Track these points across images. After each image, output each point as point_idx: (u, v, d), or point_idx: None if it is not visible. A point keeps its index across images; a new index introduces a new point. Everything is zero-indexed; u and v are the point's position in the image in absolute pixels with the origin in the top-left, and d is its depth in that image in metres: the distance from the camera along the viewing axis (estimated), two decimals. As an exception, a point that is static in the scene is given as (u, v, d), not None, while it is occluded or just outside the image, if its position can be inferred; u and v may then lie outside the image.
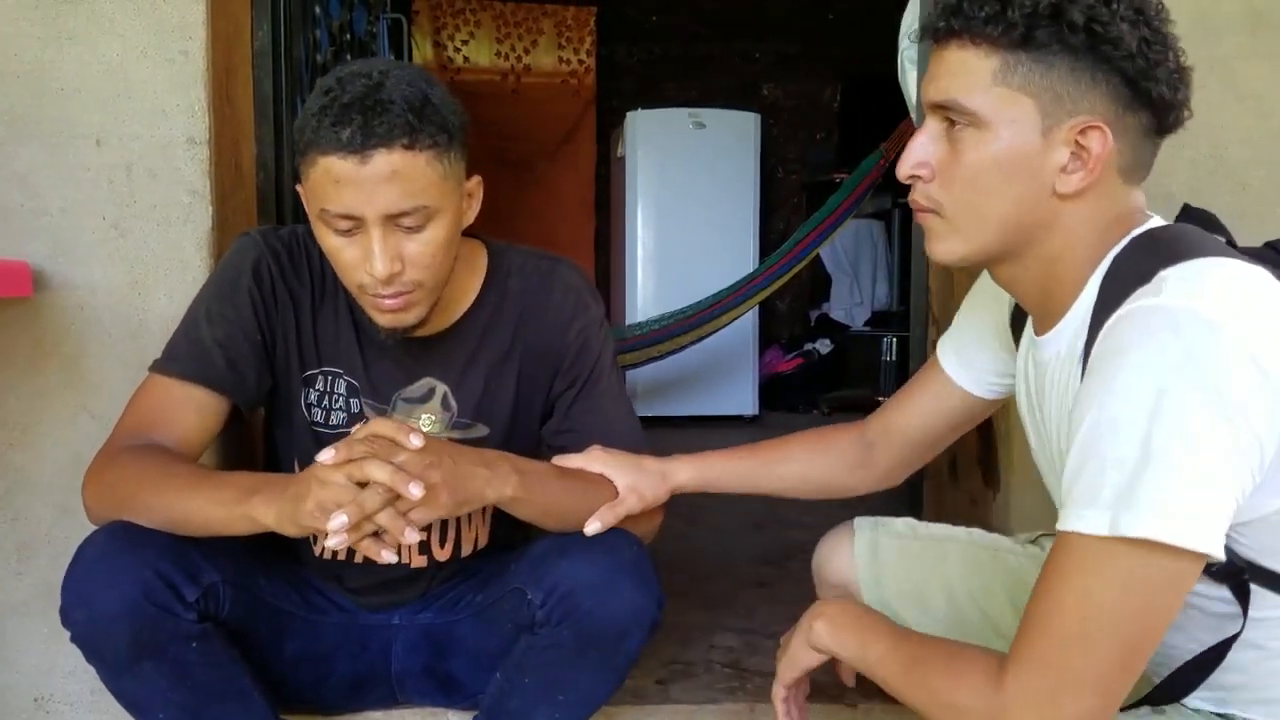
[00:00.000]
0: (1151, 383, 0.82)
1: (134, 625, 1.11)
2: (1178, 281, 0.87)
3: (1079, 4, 0.92)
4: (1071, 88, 0.93)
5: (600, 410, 1.38)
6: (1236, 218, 1.69)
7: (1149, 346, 0.84)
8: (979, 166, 0.97)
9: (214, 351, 1.27)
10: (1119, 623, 0.84)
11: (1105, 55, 0.92)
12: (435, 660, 1.43)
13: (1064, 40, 0.92)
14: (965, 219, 1.00)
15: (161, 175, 1.59)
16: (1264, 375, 0.82)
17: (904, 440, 1.35)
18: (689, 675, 1.74)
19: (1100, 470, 0.84)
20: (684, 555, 2.45)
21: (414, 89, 1.14)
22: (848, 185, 3.88)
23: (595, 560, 1.20)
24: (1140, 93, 0.93)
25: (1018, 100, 0.94)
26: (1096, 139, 0.93)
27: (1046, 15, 0.92)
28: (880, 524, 1.39)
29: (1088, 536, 0.84)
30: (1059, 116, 0.94)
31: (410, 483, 1.04)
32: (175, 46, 1.59)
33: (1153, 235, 0.96)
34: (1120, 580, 0.83)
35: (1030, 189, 0.96)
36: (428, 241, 1.18)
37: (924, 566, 1.35)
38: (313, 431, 1.35)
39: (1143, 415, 0.82)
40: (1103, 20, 0.91)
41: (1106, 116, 0.93)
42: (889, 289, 5.47)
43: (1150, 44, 0.92)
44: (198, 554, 1.16)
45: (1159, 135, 0.97)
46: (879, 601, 1.33)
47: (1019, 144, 0.95)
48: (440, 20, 5.53)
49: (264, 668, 1.30)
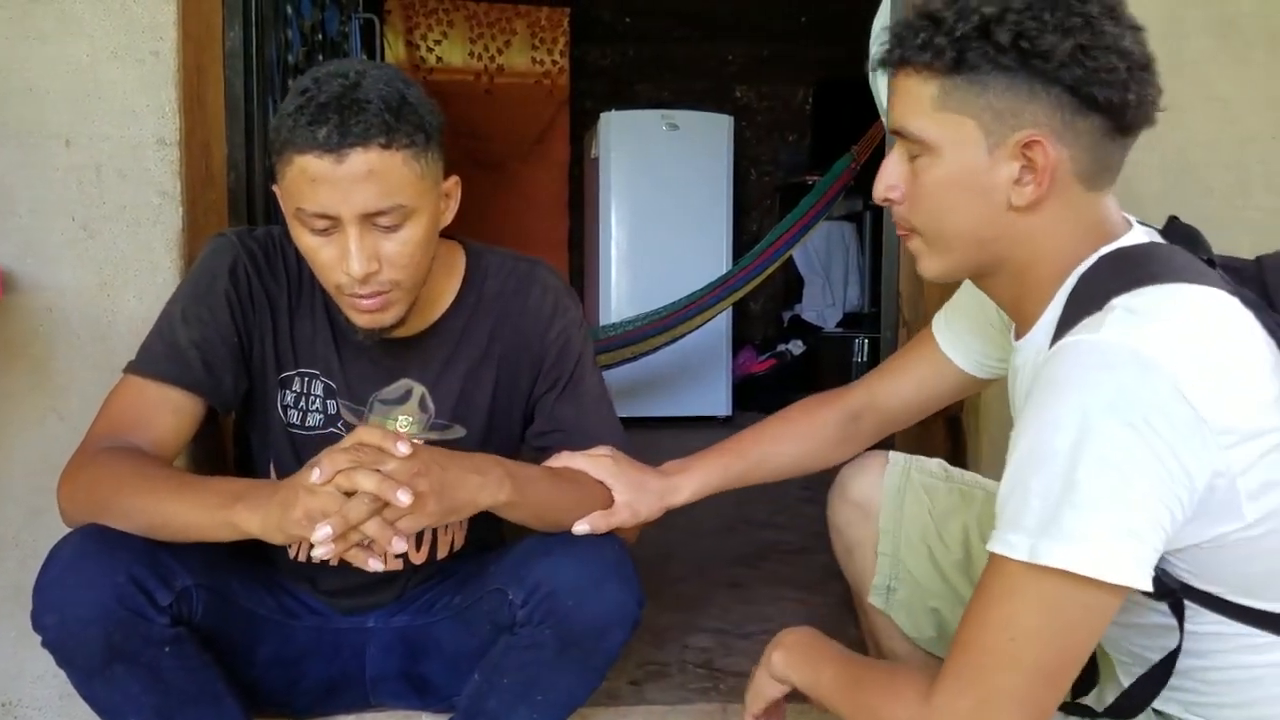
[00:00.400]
0: (1080, 418, 0.84)
1: (106, 630, 1.10)
2: (1124, 313, 0.89)
3: (1005, 23, 0.93)
4: (1010, 104, 0.94)
5: (583, 410, 1.38)
6: (1202, 222, 1.72)
7: (1083, 382, 0.86)
8: (935, 188, 1.00)
9: (190, 353, 1.26)
10: (1041, 644, 0.87)
11: (1038, 69, 0.93)
12: (410, 663, 1.42)
13: (994, 60, 0.93)
14: (935, 238, 1.03)
15: (131, 176, 1.58)
16: (1195, 413, 0.84)
17: (892, 411, 1.38)
18: (663, 676, 1.75)
19: (1025, 497, 0.86)
20: (657, 557, 2.45)
21: (391, 88, 1.14)
22: (820, 187, 3.90)
23: (578, 560, 1.21)
24: (1085, 98, 0.93)
25: (959, 122, 0.96)
26: (1041, 152, 0.94)
27: (974, 37, 0.94)
28: (915, 460, 1.40)
29: (1012, 560, 0.87)
30: (1002, 133, 0.95)
31: (398, 490, 1.03)
32: (146, 47, 1.58)
33: (1121, 254, 0.97)
34: (1042, 605, 0.86)
35: (985, 205, 0.98)
36: (405, 241, 1.18)
37: (948, 507, 1.36)
38: (289, 433, 1.35)
39: (1068, 448, 0.84)
40: (1031, 35, 0.92)
41: (1052, 126, 0.94)
42: (860, 291, 5.50)
43: (1088, 50, 0.92)
44: (170, 558, 1.16)
45: (1123, 135, 0.97)
46: (892, 532, 1.36)
47: (967, 163, 0.97)
48: (413, 20, 5.51)
49: (237, 671, 1.29)
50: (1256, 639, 0.94)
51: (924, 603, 1.35)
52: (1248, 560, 0.91)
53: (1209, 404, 0.85)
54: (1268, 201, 1.72)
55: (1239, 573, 0.92)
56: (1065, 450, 0.84)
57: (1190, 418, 0.84)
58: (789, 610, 2.09)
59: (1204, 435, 0.84)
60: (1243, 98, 1.71)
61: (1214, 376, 0.86)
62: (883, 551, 1.36)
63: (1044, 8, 0.92)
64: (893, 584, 1.36)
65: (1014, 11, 0.93)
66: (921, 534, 1.35)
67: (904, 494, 1.37)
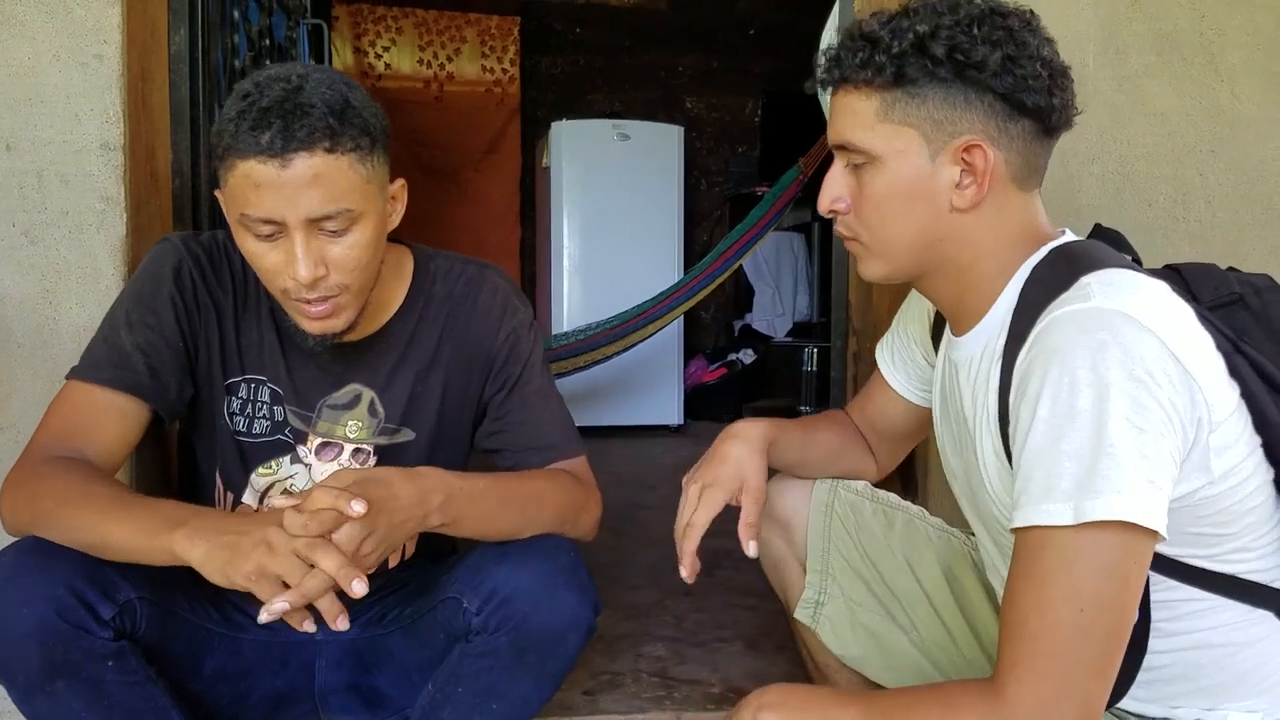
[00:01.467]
0: (1095, 377, 0.88)
1: (47, 645, 1.08)
2: (1103, 286, 0.94)
3: (940, 37, 1.00)
4: (949, 112, 1.02)
5: (533, 410, 1.38)
6: (1143, 233, 1.77)
7: (1088, 344, 0.89)
8: (881, 196, 1.06)
9: (135, 358, 1.24)
10: (1109, 607, 0.88)
11: (972, 79, 1.00)
12: (360, 676, 1.40)
13: (931, 73, 1.01)
14: (880, 243, 1.09)
15: (74, 181, 1.55)
16: (1184, 369, 0.90)
17: (880, 434, 1.42)
18: (616, 686, 1.74)
19: (1056, 461, 0.88)
20: (611, 565, 2.45)
21: (334, 92, 1.13)
22: (769, 198, 3.93)
23: (532, 566, 1.20)
24: (1015, 104, 1.01)
25: (902, 133, 1.03)
26: (980, 155, 1.01)
27: (912, 53, 1.00)
28: (840, 480, 1.42)
29: (1056, 529, 0.88)
30: (942, 140, 1.02)
31: (354, 579, 1.02)
32: (89, 50, 1.55)
33: (1069, 248, 1.04)
34: (1100, 566, 0.87)
35: (929, 209, 1.04)
36: (352, 245, 1.17)
37: (875, 527, 1.39)
38: (235, 441, 1.33)
39: (1090, 405, 0.87)
40: (964, 48, 0.99)
41: (988, 132, 1.01)
42: (810, 300, 5.55)
43: (1015, 59, 1.00)
44: (113, 570, 1.13)
45: (1048, 137, 1.05)
46: (821, 548, 1.37)
47: (911, 171, 1.04)
48: (361, 27, 5.47)
49: (183, 686, 1.26)
50: (1206, 602, 0.99)
51: (853, 617, 1.36)
52: (1205, 520, 0.96)
53: (1191, 362, 0.91)
54: (1206, 213, 1.77)
55: (1196, 532, 0.96)
56: (1089, 409, 0.87)
57: (1181, 373, 0.90)
58: (743, 619, 2.09)
59: (1192, 390, 0.90)
60: (1181, 111, 1.76)
61: (1187, 339, 0.92)
62: (812, 567, 1.38)
63: (971, 23, 1.00)
64: (821, 598, 1.37)
65: (945, 28, 1.01)
66: (849, 550, 1.38)
67: (831, 510, 1.39)
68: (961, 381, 1.11)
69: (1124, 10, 1.73)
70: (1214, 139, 1.76)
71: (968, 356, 1.10)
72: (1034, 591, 0.89)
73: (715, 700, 1.68)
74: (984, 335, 1.07)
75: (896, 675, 1.35)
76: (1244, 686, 1.00)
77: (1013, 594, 0.91)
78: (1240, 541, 0.98)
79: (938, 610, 1.35)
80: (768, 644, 1.92)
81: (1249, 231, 1.78)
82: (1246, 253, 1.77)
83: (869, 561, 1.37)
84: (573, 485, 1.33)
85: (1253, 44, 1.76)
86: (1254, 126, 1.77)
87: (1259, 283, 1.07)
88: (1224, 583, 0.99)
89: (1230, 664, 1.00)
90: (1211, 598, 0.99)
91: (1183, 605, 1.00)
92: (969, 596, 1.34)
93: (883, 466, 1.45)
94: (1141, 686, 1.04)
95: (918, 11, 1.03)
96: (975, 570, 1.35)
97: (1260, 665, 1.00)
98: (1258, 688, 1.00)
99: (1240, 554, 0.98)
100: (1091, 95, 1.73)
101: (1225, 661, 1.00)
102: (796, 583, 1.40)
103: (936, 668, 1.34)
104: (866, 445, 1.43)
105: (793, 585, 1.41)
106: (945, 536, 1.40)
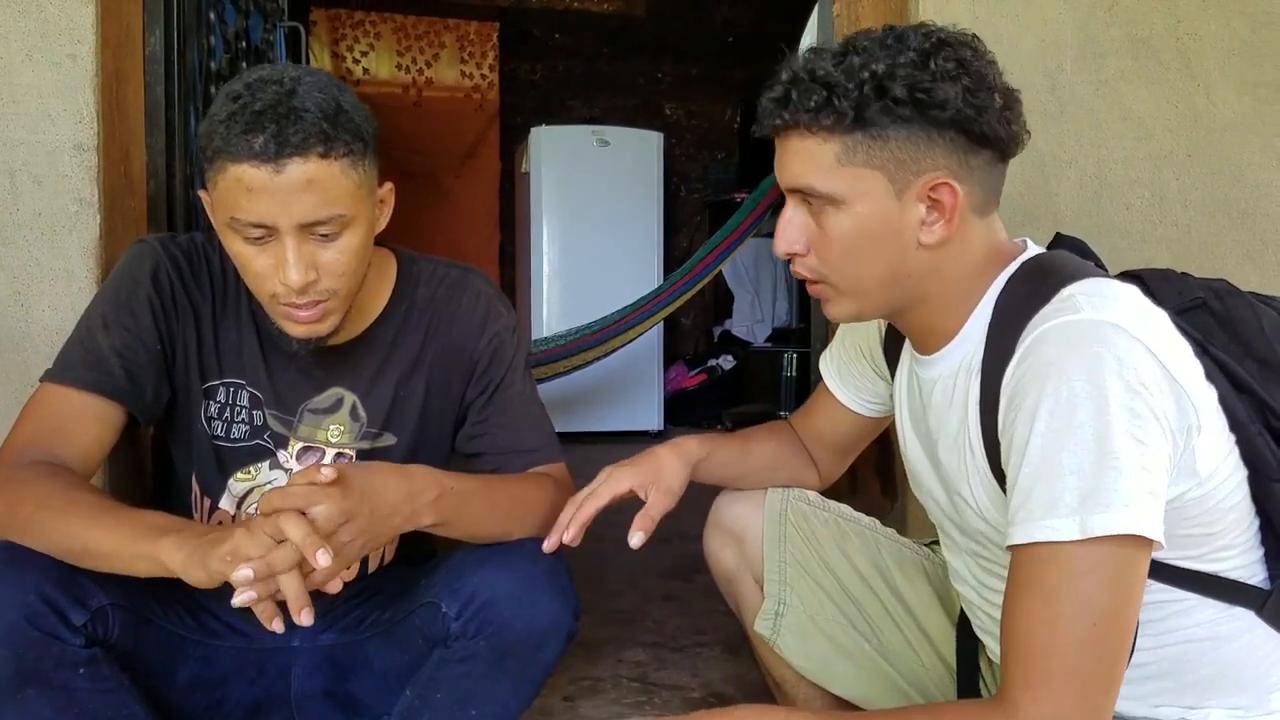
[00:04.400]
0: (1093, 389, 0.87)
1: (17, 652, 1.06)
2: (1089, 298, 0.94)
3: (899, 78, 0.97)
4: (912, 152, 0.99)
5: (514, 415, 1.37)
6: (1120, 237, 1.78)
7: (1083, 356, 0.89)
8: (847, 239, 1.03)
9: (112, 360, 1.22)
10: (1118, 619, 0.87)
11: (934, 117, 0.98)
12: (337, 682, 1.39)
13: (893, 114, 0.97)
14: (850, 285, 1.06)
15: (46, 182, 1.53)
16: (1171, 377, 0.90)
17: (825, 445, 1.42)
18: (597, 691, 1.73)
19: (1058, 475, 0.87)
20: (591, 570, 2.44)
21: (326, 96, 1.12)
22: (748, 205, 3.94)
23: (512, 570, 1.19)
24: (976, 137, 0.99)
25: (865, 175, 1.00)
26: (947, 192, 0.99)
27: (872, 95, 0.97)
28: (792, 490, 1.42)
29: (1061, 545, 0.87)
30: (907, 179, 1.00)
31: (319, 550, 1.00)
32: (62, 50, 1.53)
33: (1041, 261, 1.04)
34: (1107, 579, 0.86)
35: (898, 248, 1.03)
36: (343, 250, 1.16)
37: (828, 536, 1.38)
38: (213, 445, 1.31)
39: (1090, 418, 0.87)
40: (924, 87, 0.96)
41: (951, 167, 0.99)
42: (789, 306, 5.56)
43: (973, 91, 0.98)
44: (85, 576, 1.11)
45: (1003, 163, 1.05)
46: (777, 558, 1.36)
47: (877, 212, 1.01)
48: (339, 31, 5.45)
49: (156, 694, 1.24)
50: (1188, 601, 0.99)
51: (815, 626, 1.35)
52: (1190, 520, 0.96)
53: (1177, 369, 0.91)
54: (1184, 217, 1.78)
55: (1184, 534, 0.96)
56: (1088, 421, 0.87)
57: (1169, 381, 0.90)
58: (723, 623, 2.08)
59: (1179, 397, 0.91)
60: (1158, 116, 1.77)
61: (1172, 346, 0.93)
62: (769, 577, 1.36)
63: (925, 58, 0.97)
64: (780, 609, 1.35)
65: (902, 67, 0.97)
66: (806, 558, 1.37)
67: (785, 518, 1.38)
68: (935, 398, 1.11)
69: (1101, 15, 1.74)
70: (1190, 143, 1.78)
71: (941, 374, 1.09)
72: (1041, 607, 0.87)
73: (696, 705, 1.68)
74: (959, 352, 1.06)
75: (861, 684, 1.33)
76: (1226, 683, 1.01)
77: (1016, 610, 0.89)
78: (1224, 540, 0.99)
79: (894, 618, 1.35)
80: (748, 649, 1.90)
81: (1225, 235, 1.79)
82: (1223, 256, 1.79)
83: (827, 569, 1.36)
84: (556, 490, 1.32)
85: (1228, 49, 1.78)
86: (1230, 131, 1.78)
87: (1218, 287, 1.08)
88: (1207, 581, 0.99)
89: (1212, 660, 1.00)
90: (1193, 596, 1.00)
91: (1168, 606, 1.00)
92: (924, 605, 1.35)
93: (825, 476, 1.44)
94: (1125, 684, 1.04)
95: (866, 49, 0.99)
96: (929, 581, 1.36)
97: (1241, 660, 1.00)
98: (1239, 684, 1.01)
99: (1224, 552, 0.99)
100: (1069, 100, 1.74)
101: (1207, 658, 1.00)
102: (752, 596, 1.39)
103: (901, 675, 1.33)
104: (809, 456, 1.43)
105: (747, 599, 1.39)
106: (897, 547, 1.39)
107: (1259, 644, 1.00)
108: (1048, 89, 1.73)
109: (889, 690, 1.33)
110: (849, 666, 1.34)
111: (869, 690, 1.33)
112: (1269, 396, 0.99)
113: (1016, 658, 0.88)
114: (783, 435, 1.43)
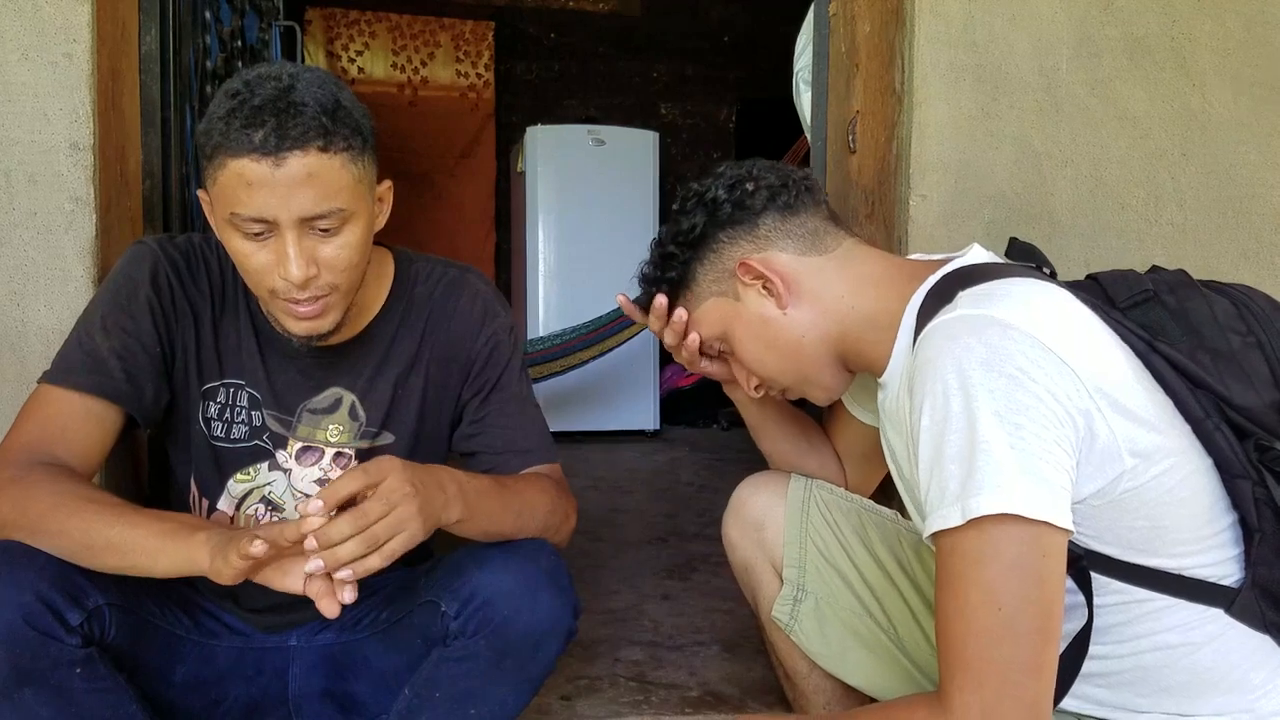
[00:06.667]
0: (962, 380, 0.90)
1: (13, 652, 1.05)
2: (970, 296, 0.98)
3: (711, 232, 1.18)
4: (718, 268, 1.19)
5: (509, 415, 1.37)
6: (1116, 236, 1.78)
7: (953, 350, 0.92)
8: (753, 357, 1.20)
9: (111, 363, 1.21)
10: (1026, 603, 0.88)
11: (707, 241, 1.18)
12: (335, 682, 1.39)
13: (686, 265, 1.21)
14: (796, 379, 1.20)
15: (42, 181, 1.53)
16: (1060, 360, 0.92)
17: (848, 453, 1.45)
18: (594, 691, 1.73)
19: (942, 467, 0.90)
20: (588, 569, 2.44)
21: (325, 91, 1.12)
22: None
23: (512, 569, 1.19)
24: (745, 219, 1.17)
25: (710, 308, 1.21)
26: (751, 266, 1.14)
27: (663, 269, 1.23)
28: (814, 480, 1.44)
29: (954, 533, 0.89)
30: (727, 284, 1.18)
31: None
32: (58, 49, 1.53)
33: (959, 271, 1.07)
34: (1007, 562, 0.88)
35: (778, 328, 1.16)
36: (343, 245, 1.16)
37: (849, 526, 1.40)
38: (212, 446, 1.31)
39: (960, 409, 0.90)
40: (682, 239, 1.19)
41: (744, 249, 1.17)
42: (785, 305, 5.57)
43: (733, 187, 1.19)
44: (81, 576, 1.11)
45: (801, 204, 1.18)
46: (798, 544, 1.38)
47: (740, 324, 1.18)
48: (334, 31, 5.45)
49: (153, 693, 1.24)
50: (1156, 603, 0.99)
51: (832, 614, 1.36)
52: (1134, 514, 0.96)
53: (1070, 353, 0.92)
54: (1179, 216, 1.78)
55: (1128, 527, 0.97)
56: (959, 411, 0.90)
57: (1057, 363, 0.91)
58: (720, 622, 2.09)
59: (1073, 378, 0.92)
60: (1153, 115, 1.77)
61: (1066, 333, 0.94)
62: (788, 564, 1.38)
63: (679, 214, 1.22)
64: (799, 595, 1.37)
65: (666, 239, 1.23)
66: (827, 546, 1.38)
67: (808, 507, 1.39)
68: (891, 415, 1.15)
69: (1096, 14, 1.75)
70: (1186, 142, 1.78)
71: (889, 393, 1.13)
72: (952, 598, 0.90)
73: (693, 704, 1.68)
74: (896, 369, 1.11)
75: (876, 673, 1.35)
76: (1206, 686, 1.00)
77: (937, 603, 0.92)
78: (1175, 535, 0.98)
79: (912, 610, 1.35)
80: (745, 647, 1.92)
81: (1221, 234, 1.80)
82: (1219, 255, 1.79)
83: (847, 558, 1.37)
84: (557, 491, 1.32)
85: (1223, 48, 1.78)
86: (1225, 130, 1.78)
87: (1172, 279, 1.08)
88: (1172, 582, 0.99)
89: (1189, 663, 1.00)
90: (1161, 597, 0.99)
91: (1135, 607, 1.00)
92: None
93: (854, 483, 1.46)
94: (1104, 689, 1.04)
95: (658, 240, 1.25)
96: None
97: (1217, 663, 1.00)
98: (1219, 687, 1.00)
99: (1179, 548, 0.98)
100: (1064, 99, 1.74)
101: (1184, 661, 1.00)
102: (769, 584, 1.40)
103: (915, 666, 1.34)
104: (835, 454, 1.46)
105: (765, 587, 1.41)
106: (916, 539, 1.40)
107: (1235, 647, 0.99)
108: (1043, 88, 1.74)
109: (904, 680, 1.34)
110: (865, 655, 1.35)
111: (884, 680, 1.34)
112: (1224, 388, 0.99)
113: (941, 650, 0.91)
114: (817, 428, 1.48)
